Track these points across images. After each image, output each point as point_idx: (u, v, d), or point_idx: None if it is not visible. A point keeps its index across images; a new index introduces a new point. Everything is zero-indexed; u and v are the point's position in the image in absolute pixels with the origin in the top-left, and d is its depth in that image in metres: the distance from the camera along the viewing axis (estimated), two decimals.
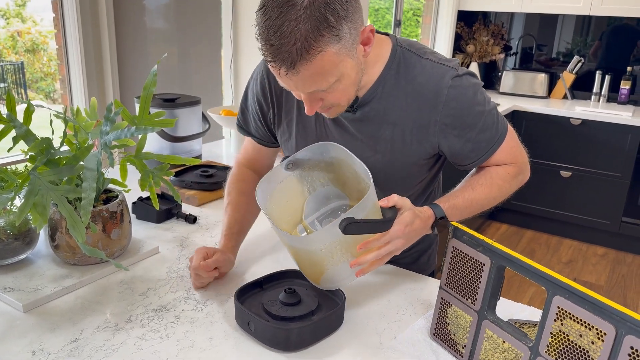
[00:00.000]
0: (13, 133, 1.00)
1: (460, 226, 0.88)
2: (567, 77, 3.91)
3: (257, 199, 0.96)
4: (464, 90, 1.01)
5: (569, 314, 0.71)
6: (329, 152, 1.01)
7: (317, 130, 1.12)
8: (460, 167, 1.11)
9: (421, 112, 1.02)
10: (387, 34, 1.06)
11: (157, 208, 1.18)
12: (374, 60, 1.02)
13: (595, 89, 3.82)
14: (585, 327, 0.70)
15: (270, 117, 1.17)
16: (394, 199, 0.93)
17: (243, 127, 1.26)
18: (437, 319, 0.93)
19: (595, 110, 3.52)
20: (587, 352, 0.70)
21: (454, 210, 1.03)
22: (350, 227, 0.84)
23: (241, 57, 2.71)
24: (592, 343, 0.69)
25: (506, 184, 1.09)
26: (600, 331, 0.68)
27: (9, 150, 1.03)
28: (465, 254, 0.87)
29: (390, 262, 1.23)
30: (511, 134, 1.09)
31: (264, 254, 1.23)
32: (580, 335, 0.70)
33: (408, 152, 1.06)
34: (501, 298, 0.90)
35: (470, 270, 0.86)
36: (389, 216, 0.91)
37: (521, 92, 4.01)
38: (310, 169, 1.05)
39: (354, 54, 0.90)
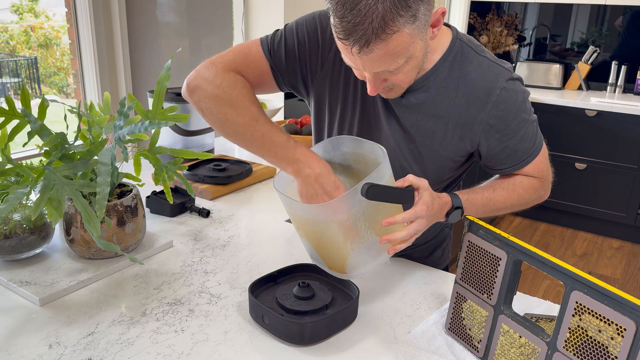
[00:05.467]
0: (28, 128, 1.00)
1: (476, 220, 0.87)
2: (582, 68, 3.86)
3: (275, 188, 0.95)
4: (515, 95, 1.01)
5: (588, 309, 0.70)
6: (341, 147, 1.00)
7: (366, 103, 1.08)
8: (490, 170, 1.10)
9: (469, 108, 1.01)
10: (448, 26, 1.05)
11: (171, 202, 1.19)
12: (433, 48, 1.01)
13: (611, 79, 3.76)
14: (605, 322, 0.69)
15: (318, 66, 1.09)
16: (410, 178, 0.91)
17: (267, 44, 1.08)
18: (453, 313, 0.92)
19: (611, 101, 3.47)
20: (607, 347, 0.69)
21: (470, 204, 1.02)
22: (372, 190, 0.82)
23: None
24: (612, 339, 0.68)
25: (527, 194, 1.09)
26: (620, 327, 0.67)
27: (24, 145, 1.04)
28: (481, 248, 0.86)
29: (404, 255, 1.23)
30: (544, 151, 1.09)
31: (278, 248, 1.23)
32: (600, 331, 0.69)
33: (447, 146, 1.05)
34: (517, 292, 0.89)
35: (486, 264, 0.85)
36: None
37: (535, 83, 3.96)
38: None
39: (424, 35, 0.89)
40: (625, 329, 0.66)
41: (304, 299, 0.94)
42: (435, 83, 1.02)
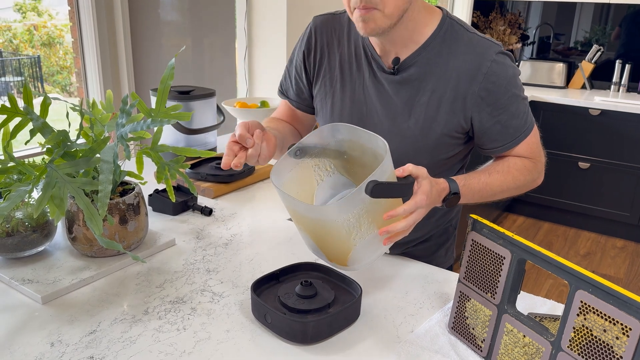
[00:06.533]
0: (30, 126, 1.00)
1: (480, 219, 0.87)
2: (586, 67, 3.85)
3: (273, 183, 0.95)
4: (505, 68, 1.03)
5: (593, 308, 0.70)
6: (338, 134, 0.99)
7: (355, 90, 1.13)
8: (484, 150, 1.11)
9: (460, 82, 1.04)
10: (439, 7, 1.10)
11: (173, 200, 1.19)
12: (424, 22, 1.05)
13: (615, 78, 3.75)
14: (610, 322, 0.68)
15: (311, 73, 1.20)
16: (409, 168, 0.91)
17: (282, 91, 1.30)
18: (456, 312, 0.92)
19: (614, 100, 3.46)
20: (612, 347, 0.68)
21: (467, 189, 1.03)
22: (376, 188, 0.82)
23: (255, 48, 2.70)
24: (617, 338, 0.67)
25: (521, 175, 1.09)
26: (625, 326, 0.66)
27: (26, 143, 1.04)
28: (485, 247, 0.85)
29: (406, 254, 1.22)
30: (535, 132, 1.11)
31: (280, 247, 1.22)
32: (604, 330, 0.69)
33: (441, 121, 1.07)
34: (521, 292, 0.89)
35: (490, 263, 0.85)
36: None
37: (539, 82, 3.95)
38: (317, 156, 1.04)
39: None
40: (630, 329, 0.66)
41: (307, 297, 0.94)
42: (427, 59, 1.06)
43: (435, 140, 1.08)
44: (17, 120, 1.00)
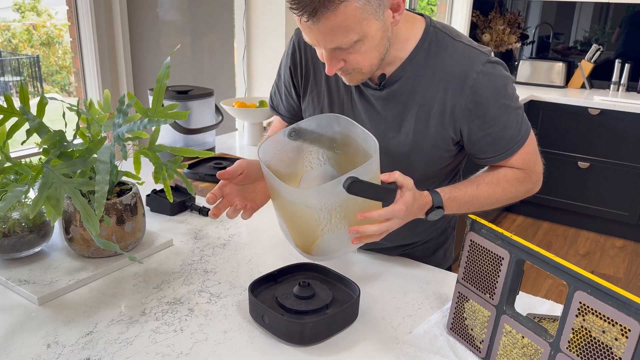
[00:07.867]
0: (27, 126, 1.00)
1: (479, 219, 0.86)
2: (585, 66, 3.84)
3: (259, 157, 0.94)
4: (493, 79, 0.99)
5: (592, 309, 0.69)
6: (334, 126, 0.99)
7: (344, 106, 1.10)
8: (476, 159, 1.08)
9: (447, 94, 1.00)
10: (421, 15, 1.05)
11: (171, 200, 1.18)
12: (405, 37, 1.01)
13: (615, 78, 3.75)
14: (609, 323, 0.68)
15: (300, 88, 1.18)
16: (396, 175, 0.90)
17: (273, 106, 1.27)
18: (454, 313, 0.91)
19: (614, 99, 3.46)
20: (611, 348, 0.68)
21: (453, 202, 1.00)
22: (354, 185, 0.81)
23: (254, 48, 2.70)
24: (616, 339, 0.67)
25: (512, 187, 1.06)
26: (625, 327, 0.66)
27: (22, 143, 1.03)
28: (484, 247, 0.85)
29: (405, 255, 1.22)
30: (531, 141, 1.06)
31: (278, 247, 1.22)
32: (603, 332, 0.68)
33: (431, 134, 1.04)
34: (519, 292, 0.88)
35: (489, 264, 0.84)
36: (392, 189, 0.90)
37: (538, 82, 3.94)
38: (311, 142, 1.03)
39: (380, 15, 0.89)
40: (629, 330, 0.65)
41: (305, 298, 0.93)
42: (412, 72, 1.02)
43: (427, 153, 1.06)
44: (13, 120, 1.00)
